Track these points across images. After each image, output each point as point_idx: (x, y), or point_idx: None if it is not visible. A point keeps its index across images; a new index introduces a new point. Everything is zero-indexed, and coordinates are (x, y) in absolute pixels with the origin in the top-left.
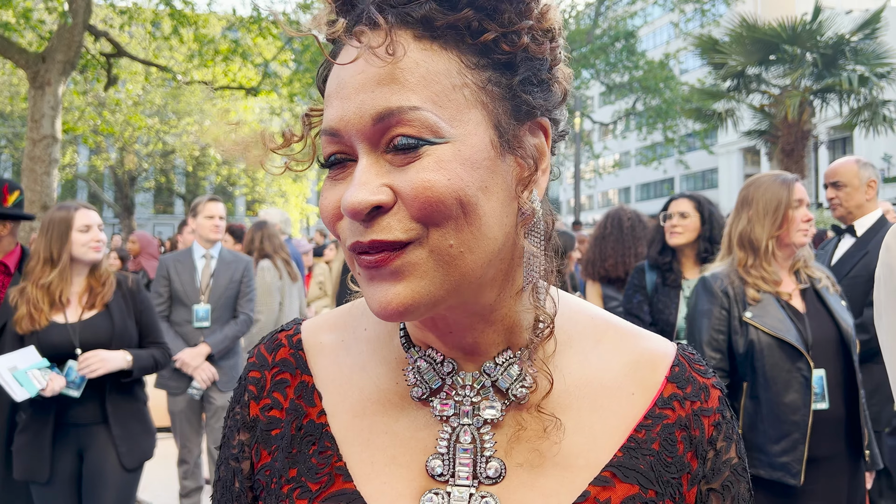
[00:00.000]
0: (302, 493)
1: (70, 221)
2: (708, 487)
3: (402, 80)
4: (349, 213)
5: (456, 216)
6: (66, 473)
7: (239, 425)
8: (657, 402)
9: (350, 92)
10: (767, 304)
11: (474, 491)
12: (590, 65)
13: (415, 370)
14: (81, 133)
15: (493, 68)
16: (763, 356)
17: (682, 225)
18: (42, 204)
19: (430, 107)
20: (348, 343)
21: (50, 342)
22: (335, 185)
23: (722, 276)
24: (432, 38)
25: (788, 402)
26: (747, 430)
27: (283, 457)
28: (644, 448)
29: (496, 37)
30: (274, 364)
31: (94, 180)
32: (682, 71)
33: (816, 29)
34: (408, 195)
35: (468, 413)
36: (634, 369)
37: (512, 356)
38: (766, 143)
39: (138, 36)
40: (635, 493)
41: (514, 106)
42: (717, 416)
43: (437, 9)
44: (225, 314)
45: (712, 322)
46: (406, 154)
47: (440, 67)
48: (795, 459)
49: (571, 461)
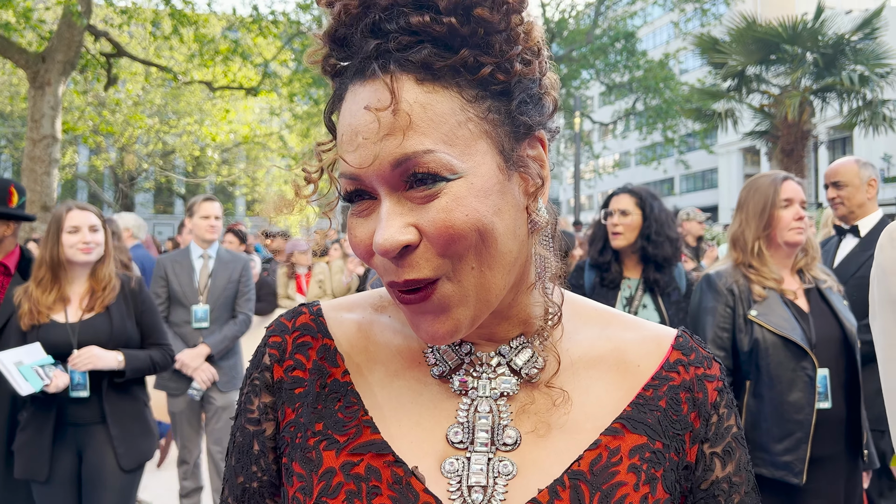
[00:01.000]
0: (329, 444)
1: (60, 222)
2: (711, 451)
3: (413, 126)
4: (381, 252)
5: (476, 244)
6: (65, 473)
7: (259, 390)
8: (664, 366)
9: (365, 141)
10: (773, 302)
11: (492, 456)
12: (590, 65)
13: (434, 351)
14: (81, 133)
15: (491, 98)
16: (768, 355)
17: (623, 224)
18: (42, 204)
19: (441, 147)
20: (370, 323)
21: (49, 340)
22: (362, 221)
23: (727, 274)
24: (433, 80)
25: (792, 401)
26: (750, 428)
27: (308, 412)
28: (652, 404)
29: (492, 69)
30: (295, 329)
31: (94, 180)
32: (682, 71)
33: (817, 28)
34: (431, 234)
35: (486, 387)
36: (640, 345)
37: (525, 341)
38: (766, 143)
39: (138, 36)
40: (644, 443)
41: (514, 128)
42: (719, 382)
43: (434, 52)
44: (224, 314)
45: (717, 319)
46: (425, 191)
47: (445, 108)
48: (798, 459)
49: (580, 425)
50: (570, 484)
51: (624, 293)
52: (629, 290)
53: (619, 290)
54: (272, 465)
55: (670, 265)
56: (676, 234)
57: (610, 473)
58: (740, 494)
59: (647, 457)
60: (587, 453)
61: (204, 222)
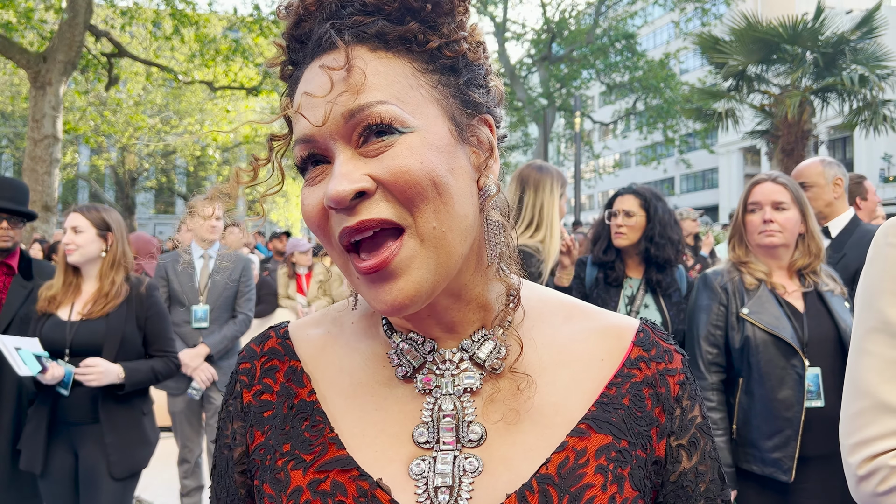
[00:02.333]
0: (296, 464)
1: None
2: (678, 444)
3: (367, 83)
4: (334, 201)
5: (433, 197)
6: (61, 469)
7: (232, 416)
8: (625, 364)
9: (319, 101)
10: (765, 300)
11: (458, 454)
12: (590, 65)
13: (398, 352)
14: (82, 133)
15: (440, 72)
16: (758, 352)
17: (626, 225)
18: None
19: (394, 101)
20: (335, 335)
21: (47, 335)
22: (314, 188)
23: (722, 273)
24: (386, 49)
25: (782, 398)
26: (741, 425)
27: (276, 434)
28: (615, 403)
29: (439, 45)
30: (263, 354)
31: (95, 180)
32: (683, 71)
33: (817, 28)
34: (387, 180)
35: (449, 384)
36: (602, 338)
37: (486, 333)
38: (767, 143)
39: (139, 36)
40: (609, 443)
41: (463, 102)
42: (681, 375)
43: (386, 24)
44: (223, 314)
45: (710, 317)
46: (379, 143)
47: (397, 71)
48: (787, 456)
49: (548, 418)
50: (539, 488)
51: (626, 292)
52: (631, 289)
53: (621, 289)
54: (238, 489)
55: (672, 266)
56: (679, 236)
57: (578, 476)
58: (706, 482)
59: (614, 456)
60: (554, 456)
61: (205, 222)
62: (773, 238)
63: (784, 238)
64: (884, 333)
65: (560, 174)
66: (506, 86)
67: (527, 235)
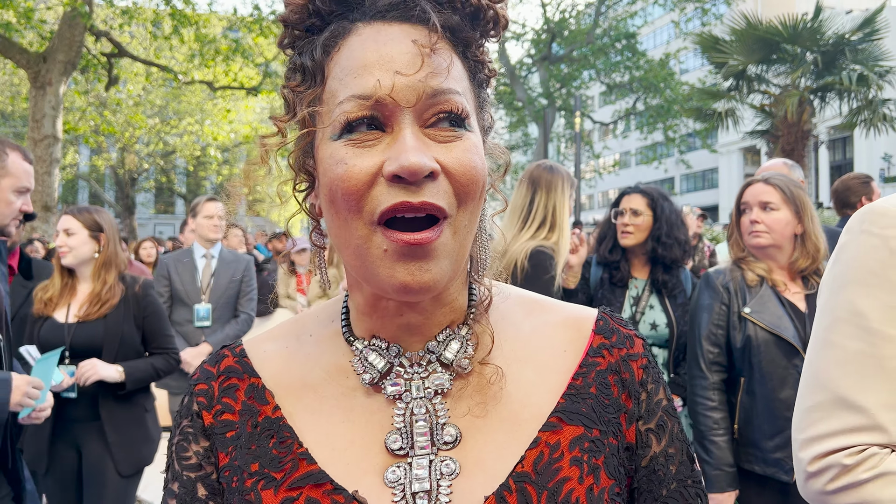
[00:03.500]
0: (267, 483)
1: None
2: (646, 428)
3: (446, 72)
4: (409, 172)
5: (477, 198)
6: (65, 467)
7: (194, 436)
8: (588, 353)
9: (399, 66)
10: (767, 300)
11: (434, 457)
12: (590, 65)
13: (361, 359)
14: (82, 133)
15: (477, 84)
16: (760, 352)
17: (633, 224)
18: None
19: (464, 97)
20: (293, 349)
21: (46, 337)
22: (362, 151)
23: (725, 272)
24: (455, 45)
25: (783, 398)
26: (743, 425)
27: (242, 454)
28: (583, 393)
29: (483, 61)
30: (220, 373)
31: (94, 180)
32: (683, 71)
33: (817, 28)
34: (455, 170)
35: (419, 387)
36: (563, 330)
37: (451, 333)
38: (767, 143)
39: (139, 36)
40: (581, 434)
41: (484, 120)
42: (643, 360)
43: (461, 23)
44: (226, 313)
45: (712, 317)
46: (450, 132)
47: (463, 72)
48: (788, 456)
49: (517, 414)
50: (517, 487)
51: (631, 293)
52: (636, 289)
53: (626, 289)
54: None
55: (679, 267)
56: (686, 237)
57: (554, 470)
58: (676, 464)
59: (587, 447)
60: (529, 453)
61: (207, 222)
62: (759, 239)
63: (772, 239)
64: (850, 325)
65: (569, 175)
66: (506, 86)
67: (541, 236)
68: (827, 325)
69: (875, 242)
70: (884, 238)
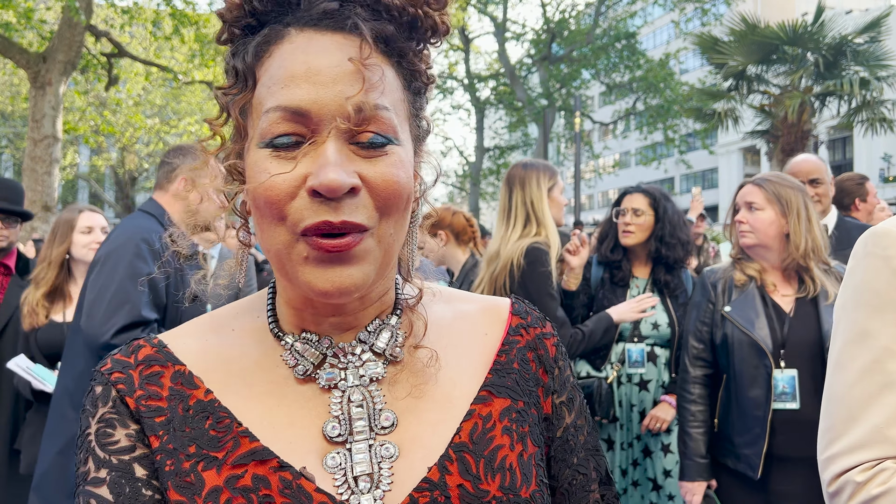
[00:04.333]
0: (207, 464)
1: (73, 223)
2: (560, 401)
3: (376, 84)
4: (328, 189)
5: (402, 210)
6: None
7: (119, 421)
8: (508, 332)
9: (327, 80)
10: (749, 299)
11: (373, 442)
12: (590, 65)
13: (293, 352)
14: (82, 133)
15: (412, 93)
16: (734, 350)
17: (635, 224)
18: (43, 204)
19: (393, 111)
20: (216, 344)
21: (47, 340)
22: (285, 163)
23: (717, 271)
24: (389, 55)
25: (752, 396)
26: (722, 419)
27: (176, 437)
28: (507, 368)
29: (421, 69)
30: (139, 362)
31: (94, 180)
32: (683, 71)
33: (817, 30)
34: (378, 185)
35: (355, 375)
36: (482, 315)
37: (381, 323)
38: (767, 143)
39: (139, 36)
40: (509, 405)
41: (418, 129)
42: (555, 338)
43: (396, 33)
44: None
45: (699, 314)
46: (373, 147)
47: (395, 82)
48: (755, 453)
49: (448, 392)
50: (457, 456)
51: (632, 292)
52: (637, 289)
53: (627, 288)
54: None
55: (681, 267)
56: (687, 237)
57: (488, 439)
58: (584, 435)
59: (515, 417)
60: (464, 424)
61: None
62: (745, 238)
63: (757, 238)
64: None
65: (547, 167)
66: (506, 86)
67: (531, 233)
68: (838, 348)
69: (878, 264)
70: (885, 259)
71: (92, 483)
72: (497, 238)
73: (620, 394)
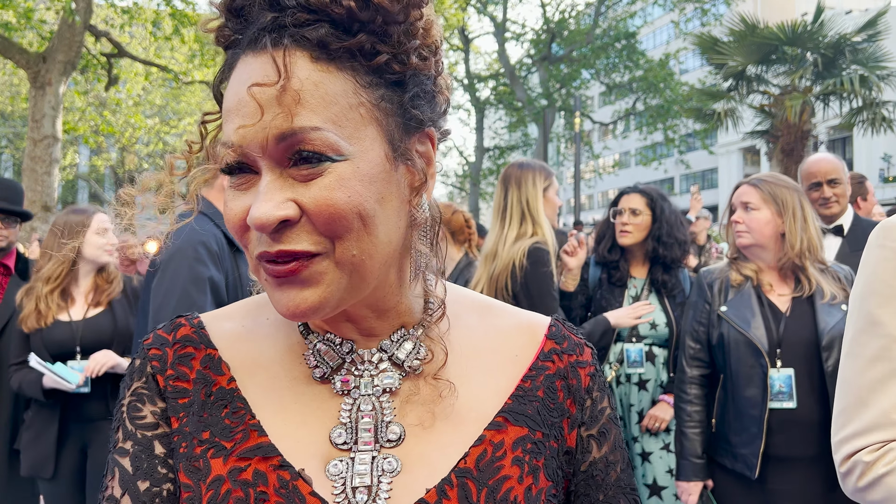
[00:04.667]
0: (216, 452)
1: (86, 223)
2: (588, 434)
3: (303, 102)
4: (257, 226)
5: (357, 228)
6: (70, 469)
7: (148, 397)
8: (539, 357)
9: (251, 111)
10: (745, 298)
11: (376, 454)
12: (590, 65)
13: (315, 353)
14: (82, 133)
15: (385, 87)
16: (730, 350)
17: (632, 224)
18: (43, 204)
19: (330, 126)
20: (250, 329)
21: (53, 340)
22: (239, 194)
23: (714, 271)
24: (328, 60)
25: (748, 396)
26: (719, 419)
27: (193, 422)
28: (530, 395)
29: (388, 59)
30: (175, 341)
31: (94, 180)
32: (683, 71)
33: (817, 30)
34: (312, 211)
35: (368, 384)
36: (516, 335)
37: (406, 333)
38: (767, 143)
39: (139, 36)
40: (525, 435)
41: (405, 120)
42: (591, 367)
43: (331, 33)
44: None
45: (696, 314)
46: (309, 169)
47: (338, 88)
48: (752, 453)
49: (464, 415)
50: (458, 482)
51: (630, 292)
52: (635, 289)
53: (625, 288)
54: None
55: (678, 267)
56: (685, 237)
57: (495, 468)
58: (616, 472)
59: (529, 448)
60: (473, 449)
61: None
62: (741, 238)
63: (752, 238)
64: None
65: (543, 167)
66: (505, 86)
67: (526, 233)
68: (850, 337)
69: (888, 255)
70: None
71: (119, 452)
72: (493, 237)
73: (619, 393)
